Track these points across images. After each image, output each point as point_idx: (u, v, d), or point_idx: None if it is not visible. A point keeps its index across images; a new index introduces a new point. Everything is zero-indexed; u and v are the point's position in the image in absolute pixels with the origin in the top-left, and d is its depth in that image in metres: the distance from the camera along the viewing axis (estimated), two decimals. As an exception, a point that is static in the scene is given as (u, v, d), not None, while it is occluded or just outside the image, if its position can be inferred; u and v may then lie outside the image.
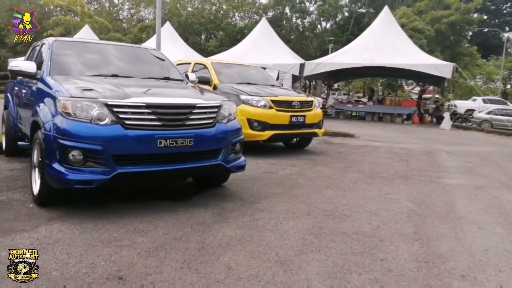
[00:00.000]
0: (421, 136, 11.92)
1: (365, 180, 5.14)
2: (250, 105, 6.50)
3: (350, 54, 17.79)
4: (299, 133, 6.92)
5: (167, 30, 24.27)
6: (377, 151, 7.90)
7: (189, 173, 3.75)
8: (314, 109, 7.13)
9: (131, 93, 3.36)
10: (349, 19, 40.92)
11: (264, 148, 7.57)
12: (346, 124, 15.25)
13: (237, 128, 3.96)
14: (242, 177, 4.93)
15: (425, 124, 18.22)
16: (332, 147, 8.32)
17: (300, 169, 5.72)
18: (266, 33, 20.86)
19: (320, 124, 7.25)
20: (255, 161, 6.18)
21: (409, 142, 9.83)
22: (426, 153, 8.00)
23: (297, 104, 6.76)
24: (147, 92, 3.63)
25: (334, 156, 7.09)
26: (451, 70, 15.56)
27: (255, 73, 8.20)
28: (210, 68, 7.55)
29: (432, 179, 5.34)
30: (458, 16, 29.38)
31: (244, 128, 6.42)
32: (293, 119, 6.67)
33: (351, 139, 9.92)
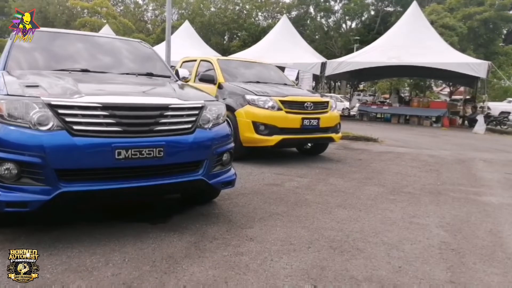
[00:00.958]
0: (452, 141, 10.85)
1: (386, 196, 4.30)
2: (257, 106, 5.76)
3: (375, 53, 16.77)
4: (312, 138, 6.12)
5: (186, 29, 23.90)
6: (402, 159, 6.99)
7: (159, 191, 3.03)
8: (330, 111, 6.32)
9: (86, 90, 2.68)
10: (375, 18, 39.61)
11: (274, 154, 6.81)
12: (369, 127, 14.28)
13: (225, 135, 3.22)
14: (240, 191, 4.21)
15: (456, 127, 16.98)
16: (352, 153, 7.47)
17: (311, 180, 4.93)
18: (287, 31, 20.07)
19: (336, 128, 6.43)
20: (260, 169, 5.43)
21: (439, 148, 8.83)
22: (459, 161, 7.04)
23: (310, 106, 5.97)
24: (108, 90, 2.95)
25: (352, 164, 6.25)
26: (486, 69, 14.33)
27: (266, 71, 7.45)
28: (215, 66, 6.86)
29: (469, 196, 4.44)
30: (492, 13, 27.66)
31: (249, 132, 5.72)
32: (305, 122, 5.88)
33: (374, 144, 9.01)
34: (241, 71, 7.07)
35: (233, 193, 4.13)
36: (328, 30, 44.28)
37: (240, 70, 7.11)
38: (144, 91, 3.15)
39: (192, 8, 49.31)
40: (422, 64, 15.39)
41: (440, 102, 19.65)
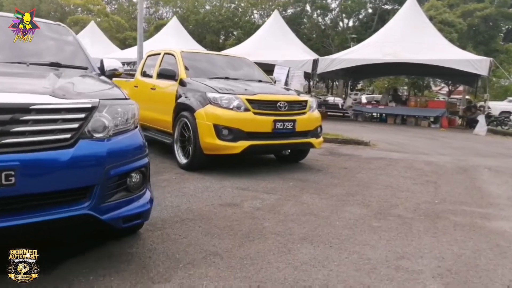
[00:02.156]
0: (452, 144, 9.91)
1: (369, 222, 3.35)
2: (219, 105, 4.81)
3: (369, 49, 15.83)
4: (286, 144, 5.16)
5: (174, 26, 22.96)
6: (394, 167, 6.05)
7: (12, 237, 2.05)
8: (309, 112, 5.37)
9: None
10: (373, 16, 38.71)
11: (246, 161, 5.86)
12: (362, 128, 13.34)
13: (133, 147, 2.28)
14: (182, 215, 3.27)
15: (455, 128, 16.06)
16: (337, 160, 6.52)
17: (279, 198, 3.99)
18: (278, 27, 19.10)
19: (317, 132, 5.48)
20: (222, 183, 4.49)
21: (438, 153, 7.89)
22: (460, 170, 6.09)
23: (284, 105, 5.02)
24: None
25: (335, 174, 5.30)
26: (488, 66, 13.40)
27: (239, 66, 6.49)
28: (178, 59, 5.91)
29: (475, 222, 3.49)
30: (493, 10, 26.75)
31: (210, 137, 4.76)
32: (278, 125, 4.93)
33: (364, 149, 8.06)
34: (209, 66, 6.11)
35: (171, 219, 3.20)
36: (325, 28, 43.45)
37: (208, 64, 6.16)
38: (14, 85, 2.18)
39: (186, 6, 48.45)
40: (419, 61, 14.45)
41: (438, 102, 18.72)
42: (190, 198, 3.85)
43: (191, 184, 4.38)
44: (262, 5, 46.29)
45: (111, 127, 2.17)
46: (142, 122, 6.92)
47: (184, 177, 4.72)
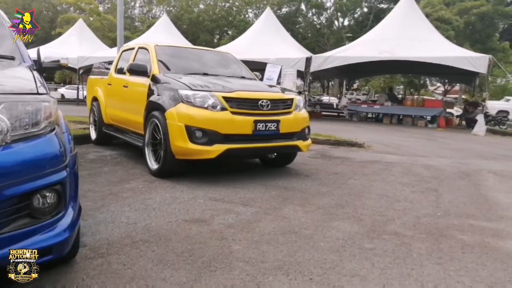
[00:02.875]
0: (451, 144, 9.39)
1: (359, 243, 2.80)
2: (193, 104, 4.24)
3: (365, 47, 15.32)
4: (269, 147, 4.58)
5: (164, 24, 22.34)
6: (390, 172, 5.50)
7: None
8: (295, 112, 4.81)
9: None
10: (369, 15, 38.28)
11: (227, 165, 5.31)
12: (357, 128, 12.82)
13: (43, 157, 1.71)
14: (137, 236, 2.71)
15: (453, 128, 15.58)
16: (328, 163, 5.96)
17: (256, 212, 3.42)
18: (271, 25, 18.53)
19: (304, 134, 4.92)
20: (194, 192, 3.93)
21: (437, 155, 7.36)
22: (462, 175, 5.55)
23: (266, 104, 4.46)
24: None
25: (324, 181, 4.75)
26: (487, 63, 12.91)
27: (220, 61, 5.94)
28: (151, 53, 5.35)
29: (486, 241, 2.94)
30: (489, 7, 26.35)
31: (182, 140, 4.19)
32: (259, 126, 4.36)
33: (358, 151, 7.51)
34: (186, 61, 5.55)
35: (121, 241, 2.64)
36: (320, 27, 43.03)
37: (185, 59, 5.59)
38: None
39: (180, 5, 47.90)
40: (416, 58, 13.95)
41: (435, 101, 18.24)
42: (152, 212, 3.28)
43: (158, 195, 3.82)
44: (256, 4, 45.76)
45: (8, 132, 1.60)
46: (116, 123, 6.35)
47: (153, 186, 4.15)
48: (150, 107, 4.79)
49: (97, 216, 3.14)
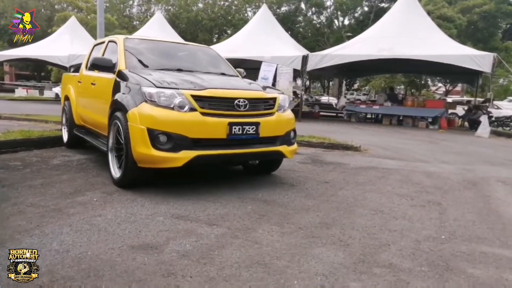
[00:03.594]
0: (454, 148, 8.80)
1: (343, 280, 2.20)
2: (157, 104, 3.66)
3: (364, 44, 14.72)
4: (247, 153, 3.98)
5: (158, 21, 21.79)
6: (387, 180, 4.91)
7: None
8: (278, 113, 4.22)
9: None
10: (369, 14, 37.70)
11: (203, 172, 4.73)
12: (355, 130, 12.23)
13: None
14: (62, 269, 2.11)
15: (455, 130, 14.98)
16: (319, 170, 5.37)
17: (223, 234, 2.84)
18: (266, 22, 17.93)
19: (289, 138, 4.32)
20: (156, 207, 3.36)
21: (439, 161, 6.76)
22: (469, 184, 4.95)
23: (244, 104, 3.86)
24: None
25: (311, 192, 4.15)
26: (491, 62, 12.31)
27: (197, 56, 5.35)
28: (119, 47, 4.77)
29: (504, 277, 2.35)
30: (492, 6, 25.73)
31: (143, 145, 3.58)
32: (235, 129, 3.77)
33: (354, 155, 6.92)
34: (159, 56, 4.96)
35: (39, 278, 2.04)
36: (320, 26, 42.54)
37: (158, 54, 5.00)
38: None
39: (179, 3, 47.43)
40: (417, 56, 13.34)
41: (437, 101, 17.63)
42: (95, 235, 2.70)
43: (112, 210, 3.23)
44: (255, 2, 45.19)
45: None
46: (85, 125, 5.77)
47: (110, 199, 3.57)
48: (113, 107, 4.21)
49: (23, 241, 2.55)
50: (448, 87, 35.17)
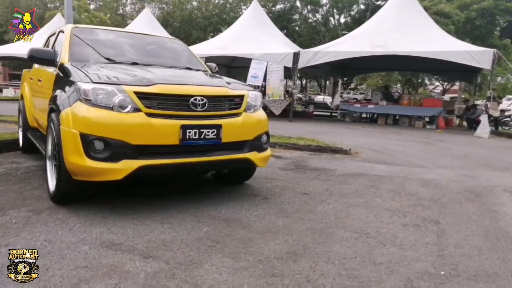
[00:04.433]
0: (453, 150, 8.16)
1: None
2: (92, 103, 2.98)
3: (357, 41, 14.08)
4: (205, 162, 3.29)
5: (146, 18, 21.12)
6: (378, 190, 4.26)
7: None
8: (246, 113, 3.55)
9: None
10: (365, 12, 37.11)
11: (169, 180, 4.06)
12: (348, 130, 11.59)
13: None
14: None
15: (453, 129, 14.36)
16: (301, 178, 4.71)
17: (156, 273, 2.17)
18: (257, 18, 17.24)
19: (259, 142, 3.65)
20: (86, 231, 2.70)
21: (437, 165, 6.12)
22: (471, 195, 4.30)
23: (202, 102, 3.19)
24: None
25: (286, 207, 3.50)
26: (491, 58, 11.67)
27: (160, 48, 4.67)
28: (65, 37, 4.10)
29: None
30: (491, 2, 25.14)
31: (76, 153, 2.87)
32: (190, 133, 3.10)
33: (343, 159, 6.26)
34: (113, 48, 4.27)
35: None
36: (316, 25, 41.99)
37: (112, 45, 4.32)
38: None
39: (173, 1, 46.83)
40: (413, 53, 12.70)
41: (434, 100, 17.00)
42: (-17, 276, 2.04)
43: (27, 237, 2.57)
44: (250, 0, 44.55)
45: None
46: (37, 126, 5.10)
47: (34, 219, 2.90)
48: (50, 107, 3.54)
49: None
50: (446, 86, 34.61)
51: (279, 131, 9.23)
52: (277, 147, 7.03)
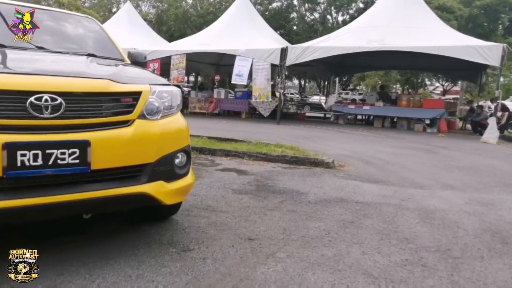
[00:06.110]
0: (459, 160, 6.86)
1: None
2: None
3: (351, 35, 12.79)
4: (57, 204, 1.96)
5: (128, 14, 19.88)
6: (357, 233, 2.95)
7: None
8: (146, 120, 2.24)
9: None
10: (363, 10, 35.93)
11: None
12: (339, 134, 10.28)
13: None
14: None
15: (456, 133, 13.07)
16: (256, 208, 3.40)
17: None
18: (244, 12, 15.92)
19: (170, 166, 2.33)
20: None
21: (441, 183, 4.81)
22: (493, 239, 2.99)
23: (51, 104, 1.89)
24: None
25: (205, 273, 2.19)
26: (500, 53, 10.37)
27: (55, 27, 3.34)
28: None
29: None
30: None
31: None
32: (24, 157, 1.80)
33: (323, 174, 4.95)
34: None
35: None
36: (313, 23, 40.89)
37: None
38: None
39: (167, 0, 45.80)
40: (412, 48, 11.41)
41: (435, 100, 15.69)
42: None
43: None
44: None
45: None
46: None
47: None
48: None
49: None
50: (446, 86, 33.33)
51: (259, 136, 7.97)
52: (246, 157, 5.75)
